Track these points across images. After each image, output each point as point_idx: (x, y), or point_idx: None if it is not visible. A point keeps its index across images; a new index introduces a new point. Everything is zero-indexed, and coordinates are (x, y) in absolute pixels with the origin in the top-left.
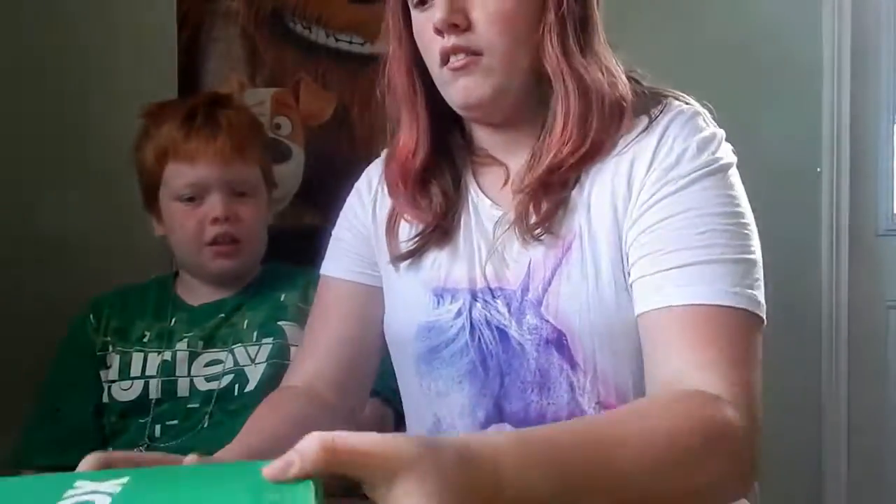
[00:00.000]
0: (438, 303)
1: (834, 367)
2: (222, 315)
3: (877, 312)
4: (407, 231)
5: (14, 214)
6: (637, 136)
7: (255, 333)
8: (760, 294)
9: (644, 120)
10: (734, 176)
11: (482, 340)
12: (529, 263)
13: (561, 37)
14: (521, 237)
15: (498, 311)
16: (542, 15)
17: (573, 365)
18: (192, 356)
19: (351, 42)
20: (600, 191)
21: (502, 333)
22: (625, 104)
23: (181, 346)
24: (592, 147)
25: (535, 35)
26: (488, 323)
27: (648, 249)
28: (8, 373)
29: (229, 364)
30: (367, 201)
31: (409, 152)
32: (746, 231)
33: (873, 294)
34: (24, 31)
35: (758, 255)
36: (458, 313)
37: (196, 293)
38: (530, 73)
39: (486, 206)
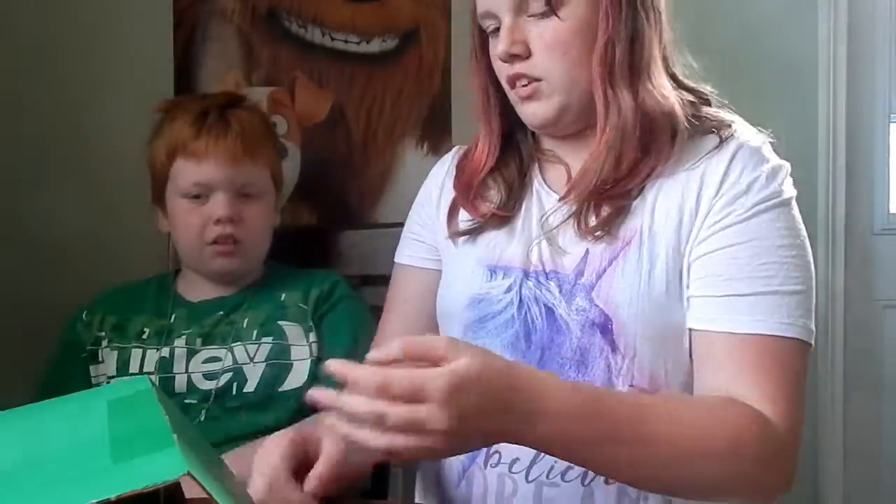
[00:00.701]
0: (491, 276)
1: (829, 365)
2: (222, 312)
3: (872, 311)
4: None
5: (10, 213)
6: (707, 154)
7: (254, 332)
8: (812, 322)
9: (713, 139)
10: (795, 208)
11: (529, 315)
12: (587, 253)
13: (605, 61)
14: (578, 232)
15: (549, 291)
16: (595, 39)
17: (614, 348)
18: (191, 353)
19: (347, 41)
20: (667, 199)
21: (549, 311)
22: (677, 125)
23: (179, 342)
24: (632, 167)
25: (590, 57)
26: (537, 300)
27: (712, 271)
28: (7, 373)
29: (228, 362)
30: (435, 192)
31: (483, 160)
32: (804, 262)
33: (869, 293)
34: (20, 31)
35: (813, 284)
36: (509, 288)
37: (197, 290)
38: (589, 90)
39: (552, 200)
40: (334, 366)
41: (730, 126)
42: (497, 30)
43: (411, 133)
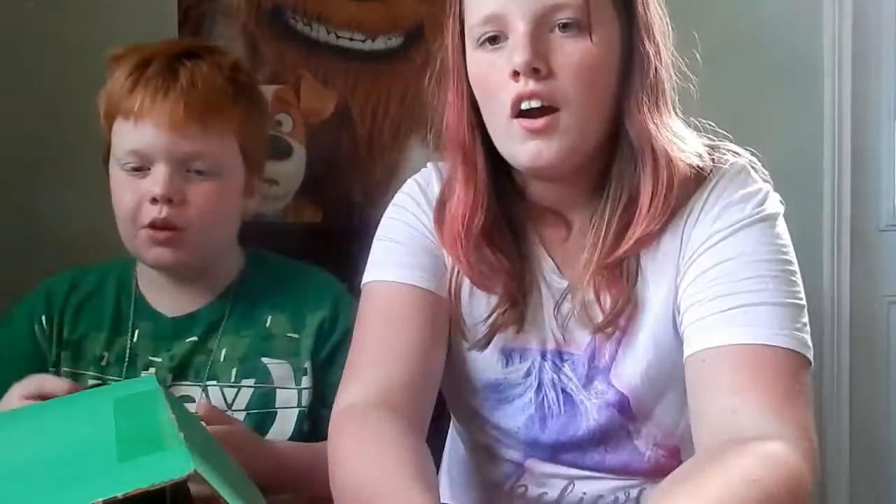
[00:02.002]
0: (507, 362)
1: (835, 362)
2: (195, 338)
3: (878, 308)
4: (467, 296)
5: (11, 212)
6: (691, 196)
7: (233, 371)
8: (808, 337)
9: (696, 178)
10: (780, 225)
11: (546, 400)
12: (594, 337)
13: (649, 105)
14: (585, 324)
15: (565, 375)
16: (626, 76)
17: (633, 420)
18: None
19: (352, 39)
20: (659, 260)
21: (567, 396)
22: (702, 174)
23: (146, 375)
24: (643, 232)
25: (613, 96)
26: (554, 385)
27: (698, 298)
28: None
29: None
30: (430, 214)
31: (467, 210)
32: (793, 278)
33: (874, 289)
34: (22, 30)
35: (804, 301)
36: (528, 373)
37: (160, 291)
38: (602, 134)
39: (550, 270)
40: None
41: (711, 157)
42: (493, 39)
43: (417, 131)
